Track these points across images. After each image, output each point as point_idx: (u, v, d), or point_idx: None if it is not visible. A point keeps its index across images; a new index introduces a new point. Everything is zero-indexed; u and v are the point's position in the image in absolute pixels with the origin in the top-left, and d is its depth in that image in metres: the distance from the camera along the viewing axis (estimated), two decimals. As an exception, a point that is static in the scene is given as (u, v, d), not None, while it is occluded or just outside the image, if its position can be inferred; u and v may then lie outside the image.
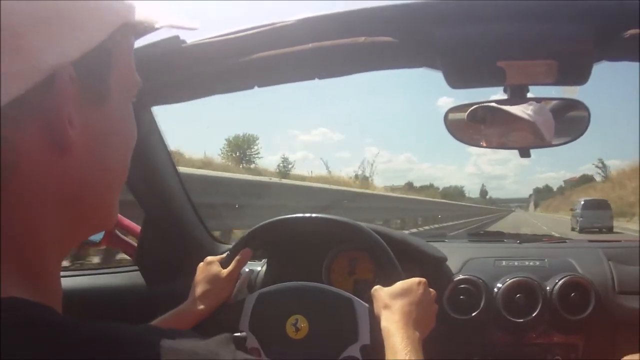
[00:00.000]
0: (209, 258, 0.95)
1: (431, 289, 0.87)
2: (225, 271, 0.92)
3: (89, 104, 0.36)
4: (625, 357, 0.78)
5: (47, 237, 0.36)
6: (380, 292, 0.84)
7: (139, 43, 0.74)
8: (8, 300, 0.31)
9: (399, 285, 0.84)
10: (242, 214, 6.48)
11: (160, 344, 0.32)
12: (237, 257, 0.94)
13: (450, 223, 19.58)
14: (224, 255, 0.96)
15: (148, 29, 0.42)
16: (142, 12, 0.39)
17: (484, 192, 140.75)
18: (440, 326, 0.88)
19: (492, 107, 0.80)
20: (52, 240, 0.37)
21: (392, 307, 0.80)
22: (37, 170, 0.34)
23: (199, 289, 0.90)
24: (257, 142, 37.15)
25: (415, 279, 0.85)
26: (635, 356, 0.79)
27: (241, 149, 35.83)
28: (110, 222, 0.42)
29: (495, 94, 0.79)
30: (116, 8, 0.37)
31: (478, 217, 30.76)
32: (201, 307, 0.88)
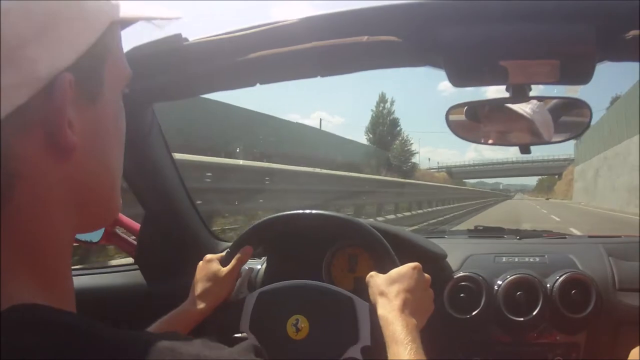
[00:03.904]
0: (209, 256, 0.94)
1: (426, 274, 0.85)
2: (225, 269, 0.91)
3: (84, 104, 0.37)
4: (633, 350, 0.79)
5: (59, 241, 0.37)
6: (376, 279, 0.82)
7: (140, 41, 0.74)
8: (28, 306, 0.32)
9: (394, 271, 0.82)
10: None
11: (184, 353, 0.32)
12: (238, 255, 0.92)
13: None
14: (224, 253, 0.95)
15: (130, 23, 0.44)
16: (125, 9, 0.41)
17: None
18: (441, 325, 0.88)
19: (492, 104, 0.80)
20: (64, 242, 0.38)
21: (389, 295, 0.79)
22: (42, 177, 0.35)
23: (199, 287, 0.89)
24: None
25: (411, 264, 0.83)
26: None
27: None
28: (113, 215, 0.44)
29: (495, 88, 0.79)
30: (103, 9, 0.38)
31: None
32: (201, 306, 0.87)
